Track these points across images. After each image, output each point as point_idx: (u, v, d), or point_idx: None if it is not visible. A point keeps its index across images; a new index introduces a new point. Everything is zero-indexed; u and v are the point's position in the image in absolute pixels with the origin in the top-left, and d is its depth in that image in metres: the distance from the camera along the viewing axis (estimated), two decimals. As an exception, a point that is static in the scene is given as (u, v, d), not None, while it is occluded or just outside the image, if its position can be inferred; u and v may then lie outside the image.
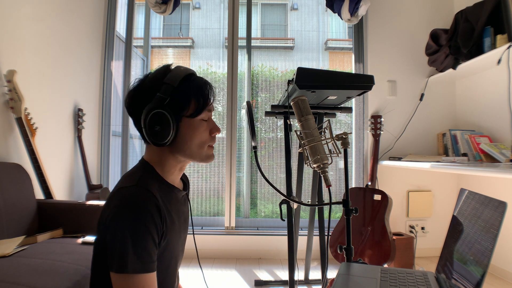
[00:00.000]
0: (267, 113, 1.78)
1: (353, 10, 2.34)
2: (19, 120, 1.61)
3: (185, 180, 0.90)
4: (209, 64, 2.83)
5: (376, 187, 2.33)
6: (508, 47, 1.77)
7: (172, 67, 0.76)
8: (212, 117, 0.82)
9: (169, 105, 0.71)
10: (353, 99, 2.55)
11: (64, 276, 1.07)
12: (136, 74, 2.80)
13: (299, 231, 2.06)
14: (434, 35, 2.31)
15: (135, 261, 0.63)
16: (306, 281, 2.00)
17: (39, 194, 1.69)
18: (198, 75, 0.79)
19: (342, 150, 0.97)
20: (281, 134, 2.73)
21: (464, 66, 2.10)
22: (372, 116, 2.41)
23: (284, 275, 2.08)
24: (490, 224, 0.62)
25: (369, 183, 2.28)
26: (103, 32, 2.56)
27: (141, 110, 0.71)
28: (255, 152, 1.10)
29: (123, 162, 2.64)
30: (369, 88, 1.41)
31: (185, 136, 0.75)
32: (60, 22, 2.03)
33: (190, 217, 0.93)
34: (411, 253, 2.15)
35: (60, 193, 2.02)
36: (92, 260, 0.74)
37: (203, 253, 2.36)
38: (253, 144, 1.06)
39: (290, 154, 1.72)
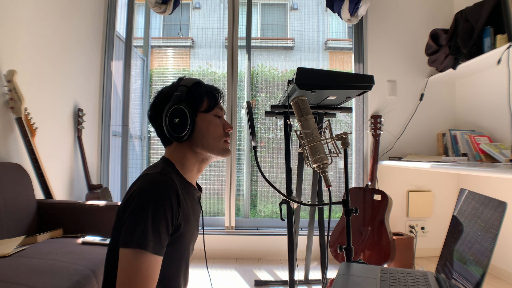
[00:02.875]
0: (267, 113, 1.78)
1: (353, 10, 2.34)
2: (19, 120, 1.61)
3: (199, 186, 0.96)
4: (209, 64, 2.82)
5: (376, 187, 2.33)
6: (508, 47, 1.77)
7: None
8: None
9: (185, 101, 0.81)
10: (353, 99, 2.55)
11: (64, 276, 1.07)
12: (136, 74, 2.80)
13: (299, 231, 2.06)
14: (434, 35, 2.31)
15: (151, 241, 0.67)
16: (306, 281, 2.00)
17: (39, 194, 1.69)
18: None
19: (342, 150, 0.96)
20: (281, 134, 2.73)
21: (464, 66, 2.10)
22: (372, 116, 2.41)
23: (284, 275, 2.08)
24: (490, 224, 0.62)
25: (369, 183, 2.28)
26: (103, 32, 2.56)
27: (162, 114, 0.81)
28: (255, 152, 1.10)
29: (123, 162, 2.64)
30: (369, 88, 1.41)
31: (202, 129, 0.83)
32: (60, 22, 2.03)
33: (202, 218, 0.98)
34: (411, 253, 2.15)
35: (60, 193, 2.02)
36: (110, 242, 0.77)
37: (203, 253, 2.36)
38: (253, 144, 1.06)
39: (290, 154, 1.72)
